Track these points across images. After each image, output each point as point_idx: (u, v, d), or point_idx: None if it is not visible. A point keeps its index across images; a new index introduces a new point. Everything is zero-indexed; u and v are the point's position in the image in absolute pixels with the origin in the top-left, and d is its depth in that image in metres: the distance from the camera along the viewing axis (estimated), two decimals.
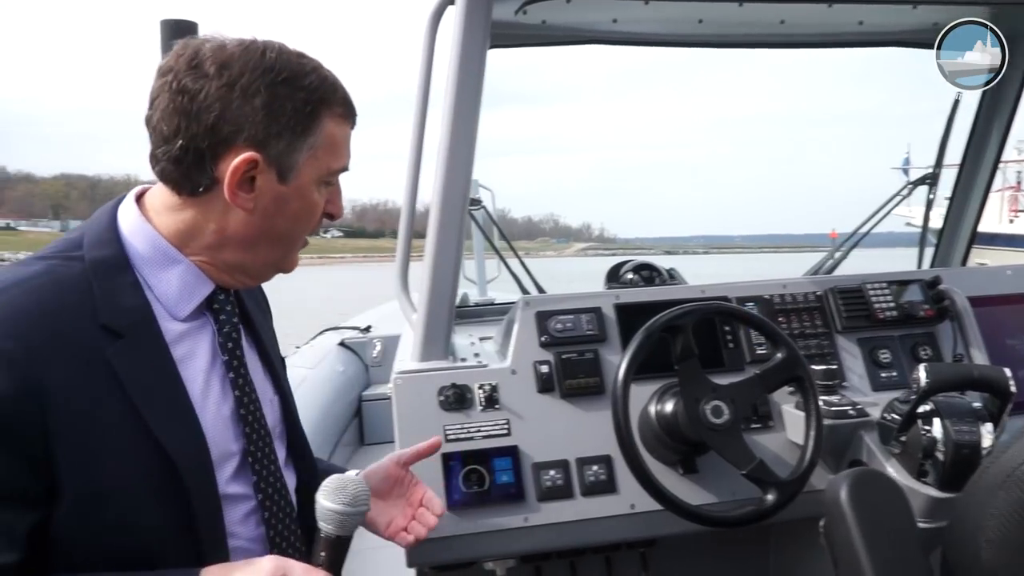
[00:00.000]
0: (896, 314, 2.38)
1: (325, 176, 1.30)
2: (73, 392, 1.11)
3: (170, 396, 1.22)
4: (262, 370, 1.44)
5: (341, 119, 1.30)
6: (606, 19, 2.44)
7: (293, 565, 1.16)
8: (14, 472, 1.08)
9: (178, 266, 1.28)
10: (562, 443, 2.06)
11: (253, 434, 1.32)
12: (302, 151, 1.25)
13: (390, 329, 5.67)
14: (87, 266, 1.22)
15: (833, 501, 1.56)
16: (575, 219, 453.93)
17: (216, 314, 1.33)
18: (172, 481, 1.18)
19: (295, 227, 1.32)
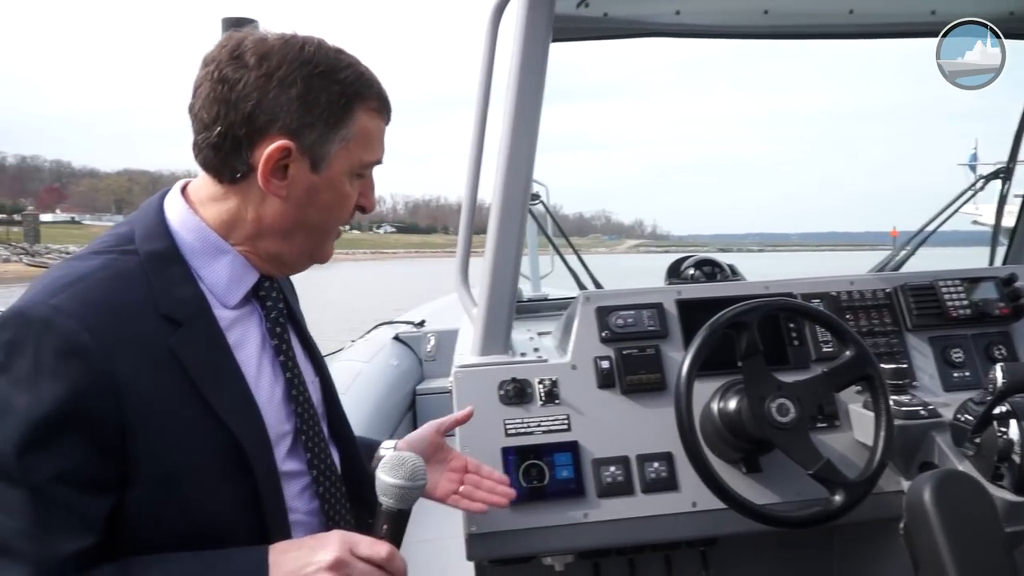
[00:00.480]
0: (969, 312, 2.31)
1: (357, 168, 1.32)
2: (143, 380, 1.15)
3: (230, 380, 1.26)
4: (302, 353, 1.49)
5: (375, 113, 1.32)
6: (669, 11, 2.40)
7: (359, 539, 1.20)
8: (92, 461, 1.12)
9: (226, 256, 1.32)
10: (622, 439, 2.05)
11: (304, 413, 1.37)
12: (334, 142, 1.28)
13: (444, 324, 5.70)
14: (142, 259, 1.25)
15: (916, 503, 1.52)
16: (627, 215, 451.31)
17: (262, 301, 1.38)
18: (238, 461, 1.23)
19: (327, 217, 1.34)
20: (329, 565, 1.16)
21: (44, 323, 1.12)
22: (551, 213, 3.48)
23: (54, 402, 1.10)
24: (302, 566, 1.16)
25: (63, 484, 1.11)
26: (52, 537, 1.10)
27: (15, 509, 1.10)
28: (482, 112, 2.28)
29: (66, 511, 1.11)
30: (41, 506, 1.10)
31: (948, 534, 1.43)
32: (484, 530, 1.95)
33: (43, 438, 1.10)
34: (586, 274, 3.12)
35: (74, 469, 1.11)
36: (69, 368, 1.11)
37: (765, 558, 2.40)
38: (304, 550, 1.19)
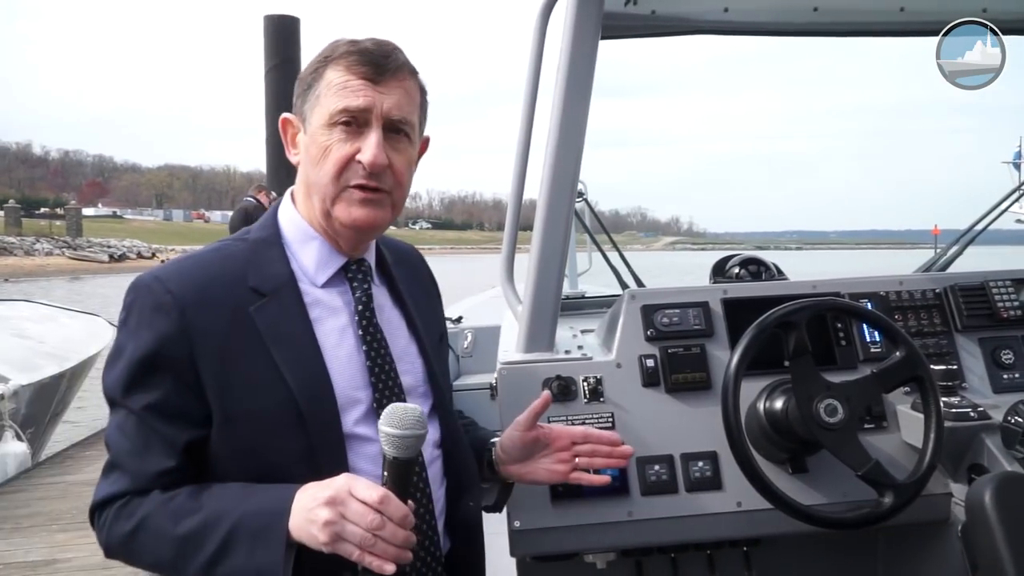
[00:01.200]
0: (1020, 313, 2.28)
1: (329, 118, 1.44)
2: (217, 336, 1.39)
3: (301, 345, 1.44)
4: (407, 336, 1.64)
5: (342, 68, 1.45)
6: (717, 8, 2.39)
7: (359, 481, 1.31)
8: (176, 395, 1.38)
9: (314, 242, 1.54)
10: (667, 438, 2.05)
11: (381, 385, 1.51)
12: (310, 102, 1.48)
13: (481, 320, 5.70)
14: (249, 244, 1.52)
15: (977, 505, 1.50)
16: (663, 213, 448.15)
17: (350, 282, 1.56)
18: (296, 415, 1.40)
19: (316, 171, 1.47)
20: (326, 500, 1.28)
21: (146, 287, 1.42)
22: (593, 210, 3.48)
23: (147, 346, 1.38)
24: (310, 500, 1.30)
25: (154, 413, 1.38)
26: (146, 456, 1.38)
27: (128, 434, 1.40)
28: (529, 109, 2.29)
29: (156, 436, 1.38)
30: (141, 431, 1.39)
31: (1008, 537, 1.42)
32: (528, 526, 1.96)
33: (140, 374, 1.38)
34: (628, 272, 3.11)
35: (162, 402, 1.38)
36: (157, 320, 1.38)
37: (808, 559, 2.39)
38: (317, 487, 1.31)
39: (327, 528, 1.26)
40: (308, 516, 1.29)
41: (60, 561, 5.10)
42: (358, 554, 1.26)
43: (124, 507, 1.38)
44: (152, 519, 1.36)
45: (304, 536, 1.29)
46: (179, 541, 1.34)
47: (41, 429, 8.26)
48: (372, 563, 1.26)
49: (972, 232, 2.85)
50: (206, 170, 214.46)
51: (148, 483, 1.38)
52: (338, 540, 1.27)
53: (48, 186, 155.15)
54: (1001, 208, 2.84)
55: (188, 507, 1.36)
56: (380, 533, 1.26)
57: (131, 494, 1.39)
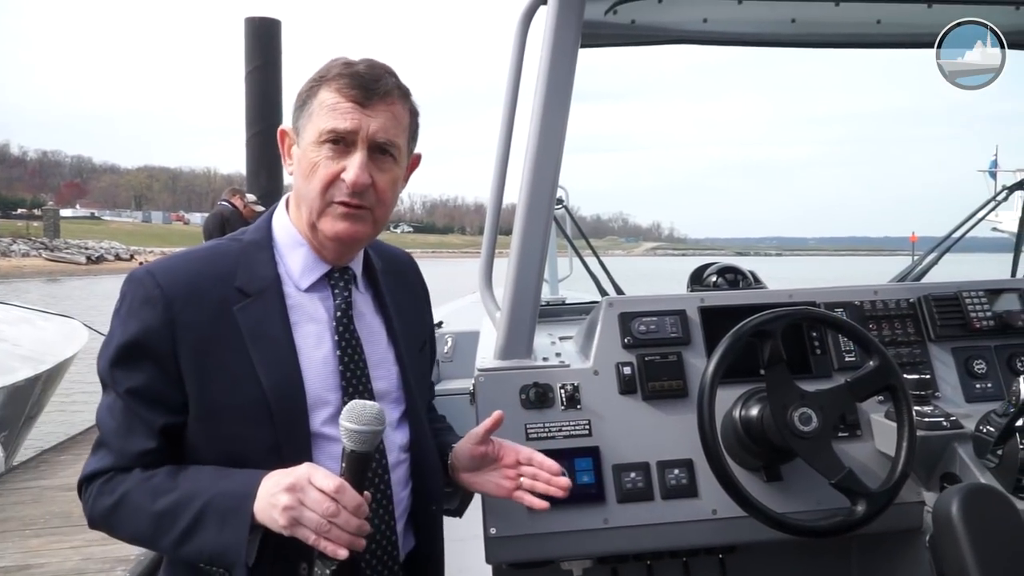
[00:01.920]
0: (993, 323, 2.30)
1: (319, 136, 1.52)
2: (199, 331, 1.47)
3: (278, 346, 1.52)
4: (386, 343, 1.70)
5: (335, 90, 1.52)
6: (696, 18, 2.41)
7: (318, 471, 1.39)
8: (156, 382, 1.47)
9: (302, 248, 1.61)
10: (643, 445, 2.05)
11: (351, 388, 1.57)
12: (304, 118, 1.55)
13: (461, 325, 5.70)
14: (242, 246, 1.60)
15: (944, 516, 1.51)
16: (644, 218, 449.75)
17: (332, 288, 1.63)
18: (266, 412, 1.48)
19: (305, 184, 1.55)
20: (287, 487, 1.36)
21: (138, 280, 1.51)
22: (573, 217, 3.49)
23: (132, 334, 1.47)
24: (273, 485, 1.38)
25: (135, 397, 1.47)
26: (129, 436, 1.48)
27: (114, 415, 1.50)
28: (509, 115, 2.29)
29: (138, 419, 1.48)
30: (126, 413, 1.48)
31: (975, 548, 1.43)
32: (503, 533, 1.96)
33: (124, 359, 1.48)
34: (607, 279, 3.12)
35: (144, 387, 1.47)
36: (144, 312, 1.47)
37: (783, 566, 2.40)
38: (280, 474, 1.40)
39: (286, 512, 1.35)
40: (270, 500, 1.37)
41: (34, 567, 5.03)
42: (314, 538, 1.35)
43: (108, 482, 1.49)
44: (132, 495, 1.46)
45: (266, 519, 1.38)
46: (155, 516, 1.44)
47: (15, 433, 8.15)
48: (327, 547, 1.35)
49: (948, 241, 2.89)
50: (186, 171, 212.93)
51: (130, 461, 1.48)
52: (296, 524, 1.36)
53: (26, 186, 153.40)
54: (976, 219, 2.88)
55: (165, 486, 1.45)
56: (335, 520, 1.35)
57: (115, 470, 1.49)
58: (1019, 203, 2.96)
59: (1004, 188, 2.92)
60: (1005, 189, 2.92)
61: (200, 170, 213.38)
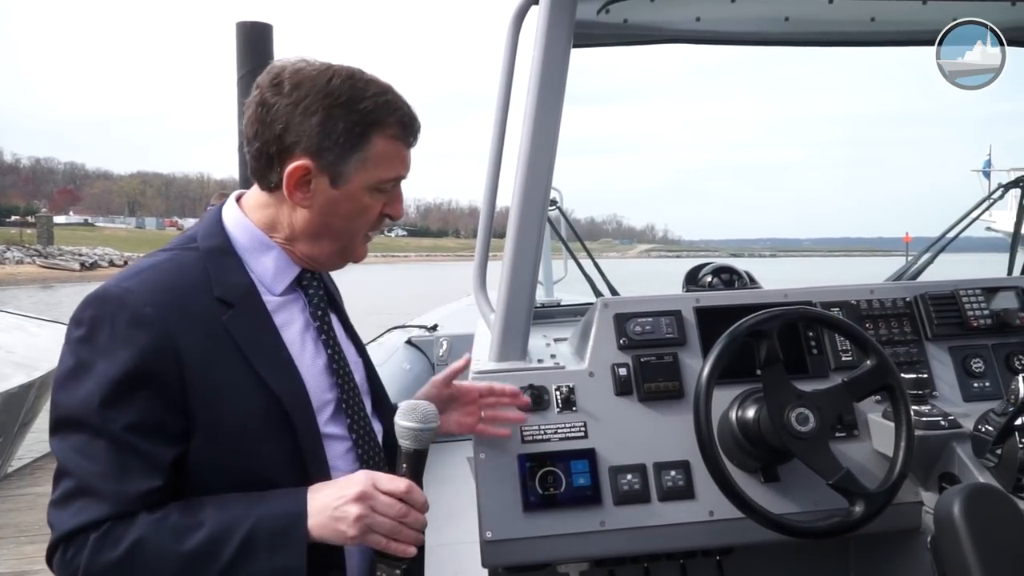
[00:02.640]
0: (990, 322, 2.29)
1: (375, 184, 1.50)
2: (198, 348, 1.38)
3: (275, 352, 1.47)
4: (345, 337, 1.69)
5: (392, 138, 1.50)
6: (689, 17, 2.40)
7: (381, 475, 1.41)
8: (159, 413, 1.34)
9: (271, 251, 1.55)
10: (640, 447, 2.04)
11: (344, 384, 1.57)
12: (351, 162, 1.47)
13: (456, 328, 5.70)
14: (201, 253, 1.49)
15: (945, 516, 1.50)
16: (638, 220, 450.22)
17: (305, 289, 1.59)
18: (281, 419, 1.43)
19: (349, 225, 1.53)
20: (356, 496, 1.36)
21: (118, 300, 1.37)
22: (567, 218, 3.48)
23: (127, 363, 1.32)
24: (335, 499, 1.37)
25: (135, 433, 1.33)
26: (127, 477, 1.32)
27: (98, 456, 1.32)
28: (502, 117, 2.28)
29: (137, 456, 1.33)
30: (118, 452, 1.32)
31: (977, 548, 1.42)
32: (499, 537, 1.94)
33: (119, 393, 1.32)
34: (602, 280, 3.11)
35: (145, 420, 1.33)
36: (137, 336, 1.34)
37: (781, 567, 2.39)
38: (336, 487, 1.39)
39: (358, 523, 1.35)
40: (334, 514, 1.36)
41: (29, 573, 5.02)
42: (385, 543, 1.37)
43: (107, 534, 1.30)
44: (149, 541, 1.30)
45: (328, 533, 1.36)
46: (186, 559, 1.31)
47: (9, 439, 8.11)
48: (398, 549, 1.38)
49: (943, 241, 2.88)
50: (179, 177, 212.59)
51: (131, 506, 1.32)
52: (368, 532, 1.36)
53: (19, 194, 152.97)
54: (971, 218, 2.87)
55: (187, 523, 1.33)
56: (405, 520, 1.38)
57: (110, 520, 1.31)
58: (1014, 202, 2.96)
59: (1000, 186, 2.92)
60: (1001, 187, 2.92)
61: (193, 175, 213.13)
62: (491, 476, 1.97)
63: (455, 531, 1.95)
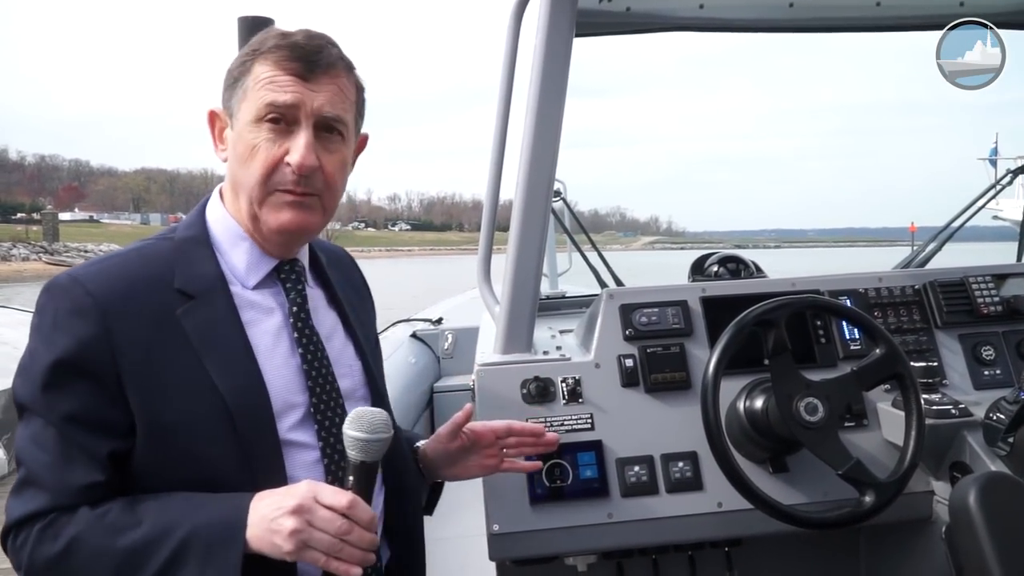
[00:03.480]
0: (1000, 309, 2.27)
1: (257, 113, 1.38)
2: (141, 341, 1.32)
3: (232, 349, 1.38)
4: (344, 338, 1.59)
5: (272, 62, 1.39)
6: (692, 4, 2.37)
7: (324, 487, 1.29)
8: (98, 405, 1.30)
9: (245, 243, 1.47)
10: (647, 438, 2.03)
11: (318, 389, 1.45)
12: (238, 96, 1.41)
13: (461, 321, 5.69)
14: (175, 243, 1.45)
15: (960, 507, 1.48)
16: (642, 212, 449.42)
17: (283, 283, 1.50)
18: (227, 422, 1.34)
19: (243, 171, 1.41)
20: (292, 509, 1.24)
21: (63, 289, 1.34)
22: (571, 210, 3.46)
23: (63, 351, 1.29)
24: (273, 509, 1.26)
25: (75, 424, 1.29)
26: (69, 469, 1.29)
27: (47, 446, 1.30)
28: (504, 109, 2.27)
29: (79, 448, 1.29)
30: (62, 442, 1.29)
31: (994, 538, 1.40)
32: (506, 530, 1.93)
33: (56, 380, 1.30)
34: (607, 271, 3.09)
35: (83, 411, 1.29)
36: (74, 324, 1.30)
37: (790, 558, 2.38)
38: (277, 496, 1.28)
39: (293, 537, 1.24)
40: (270, 526, 1.25)
41: None
42: (324, 560, 1.25)
43: (49, 527, 1.27)
44: (85, 537, 1.26)
45: (265, 546, 1.26)
46: (121, 557, 1.26)
47: (14, 435, 8.14)
48: (339, 568, 1.26)
49: (950, 229, 2.86)
50: (183, 173, 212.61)
51: (73, 498, 1.28)
52: (304, 548, 1.25)
53: (24, 191, 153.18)
54: (977, 206, 2.85)
55: (127, 520, 1.28)
56: (347, 538, 1.26)
57: (54, 511, 1.28)
58: (1022, 190, 2.93)
59: (1008, 172, 2.89)
60: (1009, 173, 2.89)
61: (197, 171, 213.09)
62: None
63: (462, 524, 1.94)
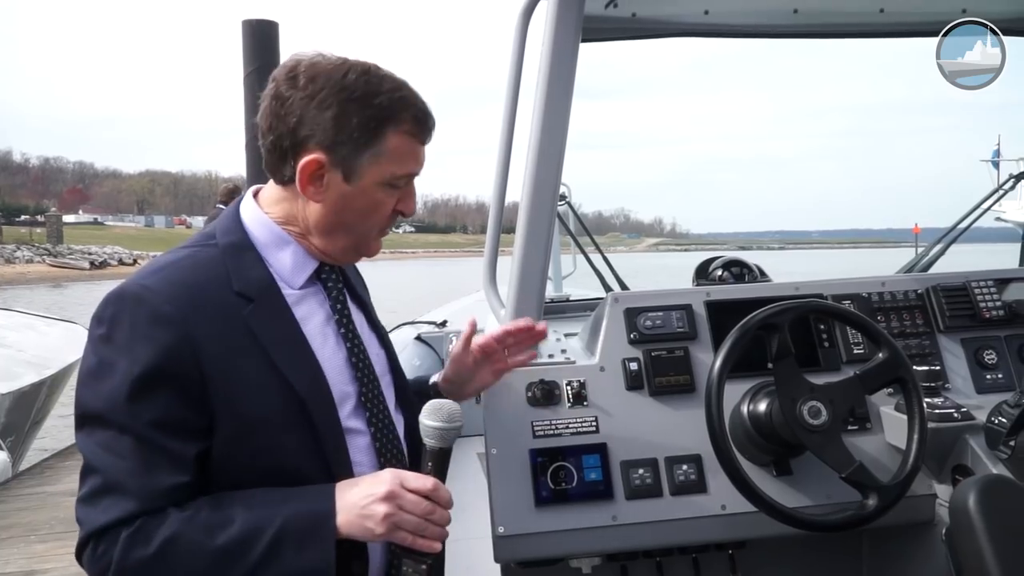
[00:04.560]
0: (1003, 313, 2.28)
1: (388, 180, 1.49)
2: (218, 344, 1.38)
3: (296, 346, 1.47)
4: (368, 330, 1.69)
5: (406, 134, 1.49)
6: (697, 11, 2.39)
7: (408, 474, 1.43)
8: (182, 409, 1.36)
9: (289, 246, 1.54)
10: (651, 441, 2.04)
11: (364, 378, 1.56)
12: (365, 158, 1.46)
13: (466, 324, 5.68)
14: (220, 250, 1.50)
15: (961, 509, 1.49)
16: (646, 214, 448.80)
17: (324, 283, 1.59)
18: (302, 414, 1.43)
19: (362, 221, 1.53)
20: (383, 496, 1.38)
21: (136, 299, 1.38)
22: (576, 213, 3.47)
23: (147, 361, 1.33)
24: (362, 497, 1.39)
25: (159, 429, 1.34)
26: (153, 474, 1.33)
27: (125, 453, 1.33)
28: (510, 112, 2.28)
29: (163, 452, 1.34)
30: (144, 448, 1.33)
31: (993, 540, 1.41)
32: (511, 532, 1.94)
33: (142, 390, 1.33)
34: (611, 275, 3.11)
35: (168, 416, 1.34)
36: (156, 333, 1.35)
37: (794, 561, 2.39)
38: (363, 485, 1.41)
39: (386, 521, 1.37)
40: (362, 512, 1.38)
41: (38, 572, 5.03)
42: (412, 539, 1.40)
43: (139, 531, 1.31)
44: (181, 537, 1.32)
45: (356, 531, 1.38)
46: (218, 554, 1.32)
47: (21, 438, 8.17)
48: (424, 545, 1.41)
49: (954, 232, 2.87)
50: (187, 175, 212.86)
51: (159, 501, 1.34)
52: (395, 530, 1.38)
53: (29, 193, 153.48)
54: (982, 209, 2.86)
55: (218, 519, 1.34)
56: (431, 517, 1.41)
57: (141, 516, 1.32)
58: None
59: (1011, 176, 2.89)
60: (1012, 177, 2.90)
61: (201, 173, 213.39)
62: (503, 471, 1.97)
63: (467, 526, 1.94)
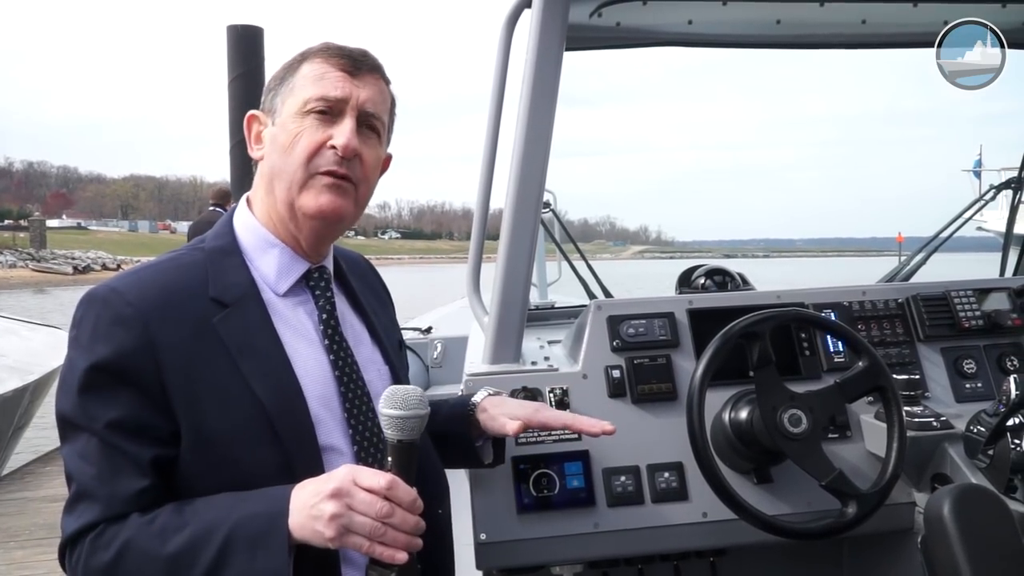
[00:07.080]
0: (982, 323, 2.30)
1: (304, 106, 1.45)
2: (182, 350, 1.34)
3: (269, 355, 1.41)
4: (370, 344, 1.63)
5: (322, 59, 1.47)
6: (681, 20, 2.41)
7: (363, 470, 1.28)
8: (140, 411, 1.32)
9: (275, 249, 1.51)
10: (633, 449, 2.04)
11: (349, 392, 1.48)
12: (282, 94, 1.48)
13: (450, 331, 5.69)
14: (206, 254, 1.48)
15: (935, 517, 1.50)
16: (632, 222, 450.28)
17: (312, 290, 1.54)
18: (268, 429, 1.36)
19: (284, 158, 1.45)
20: (331, 493, 1.25)
21: (102, 300, 1.37)
22: (560, 221, 3.48)
23: (103, 359, 1.32)
24: (311, 495, 1.27)
25: (119, 432, 1.31)
26: (117, 479, 1.31)
27: (92, 459, 1.31)
28: (495, 120, 2.29)
29: (125, 456, 1.31)
30: (107, 452, 1.31)
31: (967, 549, 1.42)
32: (493, 539, 1.94)
33: (95, 387, 1.32)
34: (595, 282, 3.11)
35: (127, 419, 1.31)
36: (116, 333, 1.33)
37: (774, 568, 2.39)
38: (316, 483, 1.29)
39: (333, 522, 1.23)
40: (311, 512, 1.25)
41: None
42: (368, 545, 1.24)
43: (99, 537, 1.29)
44: (136, 542, 1.27)
45: (307, 534, 1.26)
46: (169, 560, 1.26)
47: (3, 444, 8.09)
48: (383, 553, 1.24)
49: (936, 241, 2.89)
50: (172, 180, 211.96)
51: (122, 507, 1.30)
52: (346, 534, 1.24)
53: (12, 198, 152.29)
54: (963, 219, 2.89)
55: (174, 523, 1.29)
56: (390, 521, 1.24)
57: (104, 522, 1.30)
58: (1005, 202, 2.97)
59: (991, 187, 2.92)
60: (992, 188, 2.93)
61: (186, 179, 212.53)
62: (485, 478, 1.97)
63: None
